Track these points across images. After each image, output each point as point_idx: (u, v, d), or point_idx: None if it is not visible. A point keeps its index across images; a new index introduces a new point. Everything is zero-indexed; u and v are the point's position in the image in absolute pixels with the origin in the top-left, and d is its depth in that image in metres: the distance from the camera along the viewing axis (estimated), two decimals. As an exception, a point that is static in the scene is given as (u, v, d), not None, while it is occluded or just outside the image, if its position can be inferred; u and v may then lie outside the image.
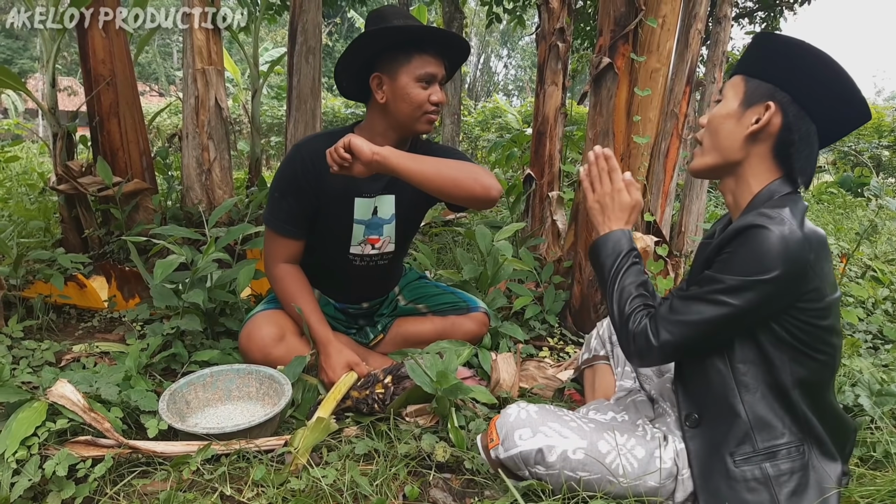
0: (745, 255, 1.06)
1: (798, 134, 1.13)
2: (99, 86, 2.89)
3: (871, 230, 2.45)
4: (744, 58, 1.21)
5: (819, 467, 1.10)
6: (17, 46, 24.96)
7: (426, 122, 1.67)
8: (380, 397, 1.58)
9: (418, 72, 1.61)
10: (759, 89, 1.15)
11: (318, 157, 1.65)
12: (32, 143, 10.27)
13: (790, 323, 1.08)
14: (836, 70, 1.11)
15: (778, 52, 1.15)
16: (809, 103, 1.12)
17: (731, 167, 1.20)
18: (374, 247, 1.82)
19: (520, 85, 35.47)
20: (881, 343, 2.29)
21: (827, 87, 1.11)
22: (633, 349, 1.18)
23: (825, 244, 1.10)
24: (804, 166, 1.15)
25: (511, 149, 5.38)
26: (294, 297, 1.76)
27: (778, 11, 8.15)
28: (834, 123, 1.15)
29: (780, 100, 1.13)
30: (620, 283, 1.24)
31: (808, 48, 1.13)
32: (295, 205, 1.72)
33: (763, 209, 1.09)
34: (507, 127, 12.26)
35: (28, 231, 3.28)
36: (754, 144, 1.16)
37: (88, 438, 1.35)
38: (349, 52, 1.65)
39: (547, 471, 1.18)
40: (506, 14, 7.21)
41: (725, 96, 1.21)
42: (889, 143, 10.93)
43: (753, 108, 1.15)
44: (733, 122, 1.17)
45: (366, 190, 1.75)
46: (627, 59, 2.25)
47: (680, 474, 1.16)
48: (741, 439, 1.11)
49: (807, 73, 1.12)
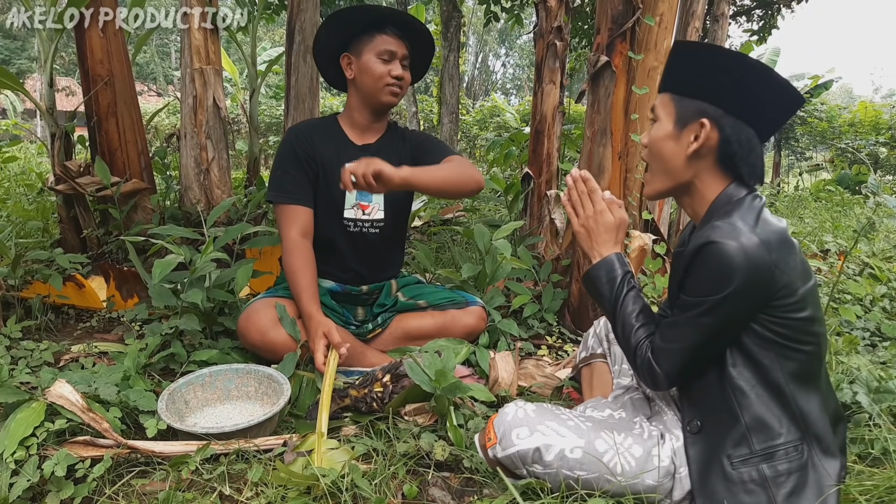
0: (706, 274, 1.08)
1: (738, 144, 1.14)
2: (97, 86, 2.89)
3: (868, 228, 2.46)
4: (667, 73, 1.22)
5: (819, 465, 1.10)
6: (15, 47, 24.92)
7: (389, 93, 1.90)
8: (378, 396, 1.59)
9: (379, 48, 1.86)
10: (690, 107, 1.16)
11: (309, 132, 1.96)
12: (31, 144, 10.26)
13: (769, 321, 1.10)
14: (758, 68, 1.11)
15: (699, 65, 1.15)
16: (742, 111, 1.13)
17: (684, 186, 1.22)
18: (364, 212, 1.99)
19: (518, 84, 35.46)
20: (879, 340, 2.30)
21: (753, 88, 1.12)
22: (646, 380, 1.21)
23: (785, 239, 1.10)
24: (751, 169, 1.17)
25: (509, 147, 5.38)
26: (298, 270, 1.83)
27: (775, 9, 8.15)
28: (770, 120, 1.16)
29: (713, 115, 1.14)
30: (622, 314, 1.25)
31: (724, 54, 1.15)
32: (298, 174, 1.91)
33: (715, 222, 1.11)
34: (506, 126, 12.27)
35: (26, 231, 3.27)
36: (698, 161, 1.18)
37: (87, 438, 1.35)
38: (317, 39, 1.94)
39: (545, 469, 1.18)
40: (503, 13, 7.20)
41: (659, 117, 1.22)
42: (886, 141, 10.94)
43: (689, 128, 1.16)
44: (672, 143, 1.19)
45: (354, 158, 1.82)
46: (625, 57, 2.25)
47: (677, 472, 1.17)
48: (738, 441, 1.11)
49: (731, 80, 1.12)
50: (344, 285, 2.02)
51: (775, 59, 11.73)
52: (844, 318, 2.33)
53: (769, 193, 8.59)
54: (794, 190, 9.96)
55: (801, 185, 10.71)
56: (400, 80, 1.89)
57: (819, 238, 4.45)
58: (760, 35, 8.46)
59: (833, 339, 2.12)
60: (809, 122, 11.85)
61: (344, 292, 2.03)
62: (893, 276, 3.01)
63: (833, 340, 2.11)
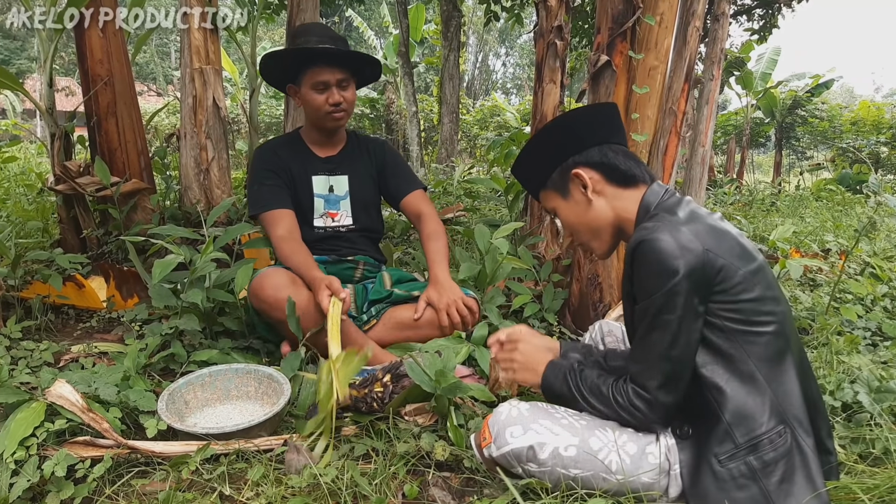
0: (647, 271, 1.11)
1: (605, 158, 1.26)
2: (96, 86, 2.88)
3: (869, 227, 2.46)
4: (526, 186, 1.42)
5: (804, 447, 1.10)
6: (15, 47, 24.93)
7: (331, 120, 2.05)
8: (378, 396, 1.58)
9: (313, 80, 1.99)
10: (556, 179, 1.31)
11: (276, 148, 2.14)
12: (30, 144, 10.27)
13: (721, 309, 1.11)
14: (557, 124, 1.32)
15: (531, 162, 1.36)
16: (580, 144, 1.27)
17: (615, 226, 1.30)
18: (333, 220, 2.16)
19: (518, 83, 35.45)
20: (880, 340, 2.29)
21: (573, 131, 1.29)
22: (642, 416, 1.17)
23: (713, 227, 1.14)
24: (636, 166, 1.27)
25: (510, 147, 5.37)
26: (292, 252, 1.92)
27: (776, 8, 8.14)
28: (606, 132, 1.29)
29: (569, 164, 1.28)
30: (588, 388, 1.24)
31: (533, 141, 1.34)
32: (273, 184, 2.05)
33: (643, 224, 1.19)
34: (506, 125, 12.28)
35: (26, 231, 3.27)
36: (599, 198, 1.28)
37: (87, 439, 1.35)
38: (262, 68, 2.12)
39: (539, 468, 1.18)
40: (504, 12, 7.20)
41: (556, 210, 1.36)
42: (887, 140, 10.94)
43: (572, 188, 1.29)
44: (578, 208, 1.30)
45: (320, 170, 2.14)
46: (625, 56, 2.25)
47: (672, 469, 1.17)
48: (722, 438, 1.12)
49: (555, 142, 1.30)
50: (338, 256, 2.14)
51: (776, 58, 11.70)
52: (846, 317, 2.33)
53: (770, 193, 8.59)
54: (794, 189, 9.96)
55: (802, 185, 10.71)
56: (339, 105, 2.01)
57: (820, 237, 4.45)
58: (761, 34, 8.47)
59: (834, 339, 2.12)
60: (810, 121, 11.85)
61: (333, 260, 2.12)
62: (894, 276, 3.00)
63: (834, 340, 2.11)
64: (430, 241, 2.08)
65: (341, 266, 2.14)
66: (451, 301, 1.92)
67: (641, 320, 1.15)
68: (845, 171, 10.10)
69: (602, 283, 2.32)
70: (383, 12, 15.94)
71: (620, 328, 1.65)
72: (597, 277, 2.32)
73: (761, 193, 8.40)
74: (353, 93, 2.07)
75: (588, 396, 1.23)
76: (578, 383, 1.26)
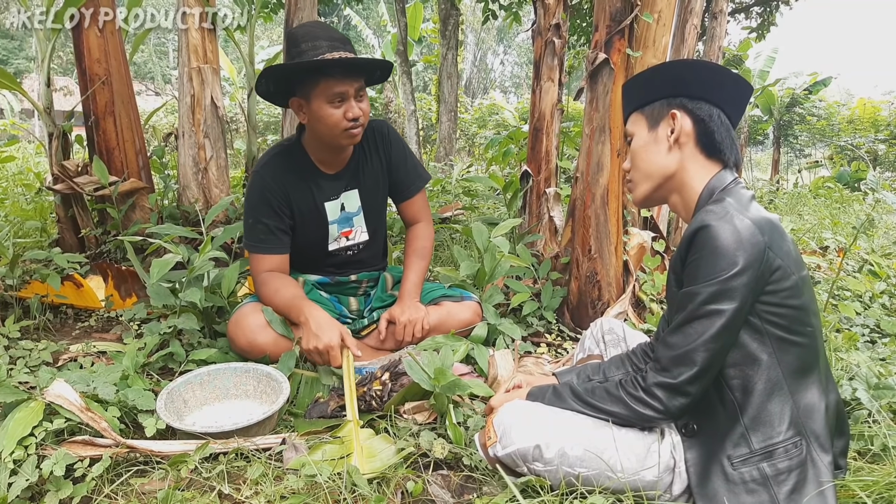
0: (706, 257, 1.08)
1: (709, 120, 1.21)
2: (94, 85, 2.88)
3: (867, 224, 2.46)
4: (626, 100, 1.34)
5: (818, 461, 1.10)
6: (13, 46, 24.89)
7: (347, 137, 1.77)
8: (378, 394, 1.58)
9: (327, 93, 1.70)
10: (656, 109, 1.26)
11: (279, 177, 1.85)
12: (28, 143, 10.24)
13: (766, 310, 1.09)
14: (703, 61, 1.25)
15: (650, 78, 1.28)
16: (704, 93, 1.22)
17: (670, 183, 1.25)
18: (348, 238, 2.02)
19: (516, 82, 35.46)
20: (878, 337, 2.29)
21: (707, 73, 1.23)
22: (657, 406, 1.14)
23: (776, 226, 1.12)
24: (729, 146, 1.22)
25: (508, 145, 5.37)
26: (278, 289, 1.82)
27: (774, 6, 8.14)
28: (731, 100, 1.24)
29: (678, 104, 1.23)
30: (591, 398, 1.23)
31: (669, 63, 1.28)
32: (271, 223, 1.86)
33: (707, 207, 1.14)
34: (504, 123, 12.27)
35: (24, 231, 3.27)
36: (680, 150, 1.23)
37: (86, 438, 1.35)
38: (259, 83, 1.79)
39: (545, 467, 1.18)
40: (501, 10, 7.20)
41: (634, 134, 1.30)
42: (886, 138, 10.95)
43: (662, 125, 1.24)
44: (652, 146, 1.25)
45: (331, 194, 1.94)
46: (623, 54, 2.25)
47: (677, 467, 1.17)
48: (737, 442, 1.11)
49: (685, 72, 1.24)
50: (335, 276, 2.06)
51: (774, 56, 11.72)
52: (844, 314, 2.33)
53: (768, 191, 8.59)
54: (793, 187, 9.97)
55: (801, 183, 10.71)
56: (357, 120, 1.74)
57: (818, 235, 4.45)
58: (759, 32, 8.46)
59: (833, 336, 2.12)
60: (808, 119, 11.86)
61: (334, 282, 2.06)
62: (893, 273, 3.01)
63: (833, 337, 2.11)
64: (415, 258, 2.04)
65: (343, 287, 2.10)
66: (413, 318, 1.87)
67: (685, 306, 1.11)
68: (843, 169, 10.10)
69: (601, 281, 2.32)
70: (381, 11, 15.93)
71: (621, 325, 1.65)
72: (595, 275, 2.33)
73: (760, 191, 8.40)
74: (368, 102, 1.80)
75: (596, 405, 1.22)
76: (574, 389, 1.26)
